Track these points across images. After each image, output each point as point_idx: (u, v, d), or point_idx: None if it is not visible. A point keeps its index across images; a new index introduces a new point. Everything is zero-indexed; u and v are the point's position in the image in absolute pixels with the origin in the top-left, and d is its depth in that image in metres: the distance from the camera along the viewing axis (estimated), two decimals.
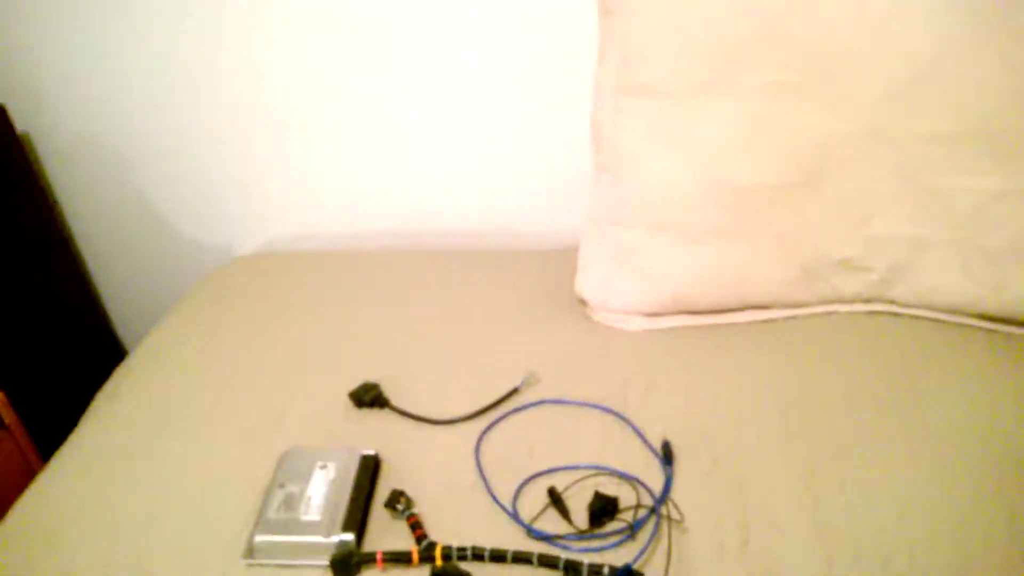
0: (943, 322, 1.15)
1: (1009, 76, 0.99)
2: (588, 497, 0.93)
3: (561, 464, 0.99)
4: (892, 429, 0.99)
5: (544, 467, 0.98)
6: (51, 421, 1.41)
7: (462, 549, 0.86)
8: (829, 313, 1.19)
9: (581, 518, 0.91)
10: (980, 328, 1.13)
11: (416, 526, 0.90)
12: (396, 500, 0.94)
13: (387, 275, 1.39)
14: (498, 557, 0.86)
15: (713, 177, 1.10)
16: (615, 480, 0.96)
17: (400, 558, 0.86)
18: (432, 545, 0.87)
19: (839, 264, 1.15)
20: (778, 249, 1.14)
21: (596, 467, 0.98)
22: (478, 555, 0.86)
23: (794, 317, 1.20)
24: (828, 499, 0.90)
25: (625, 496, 0.94)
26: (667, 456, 0.97)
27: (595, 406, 1.07)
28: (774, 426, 1.01)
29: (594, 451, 1.00)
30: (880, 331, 1.16)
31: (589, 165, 1.24)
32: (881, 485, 0.91)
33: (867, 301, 1.18)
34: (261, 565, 0.89)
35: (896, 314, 1.18)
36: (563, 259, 1.39)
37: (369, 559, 0.86)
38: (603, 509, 0.90)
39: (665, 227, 1.14)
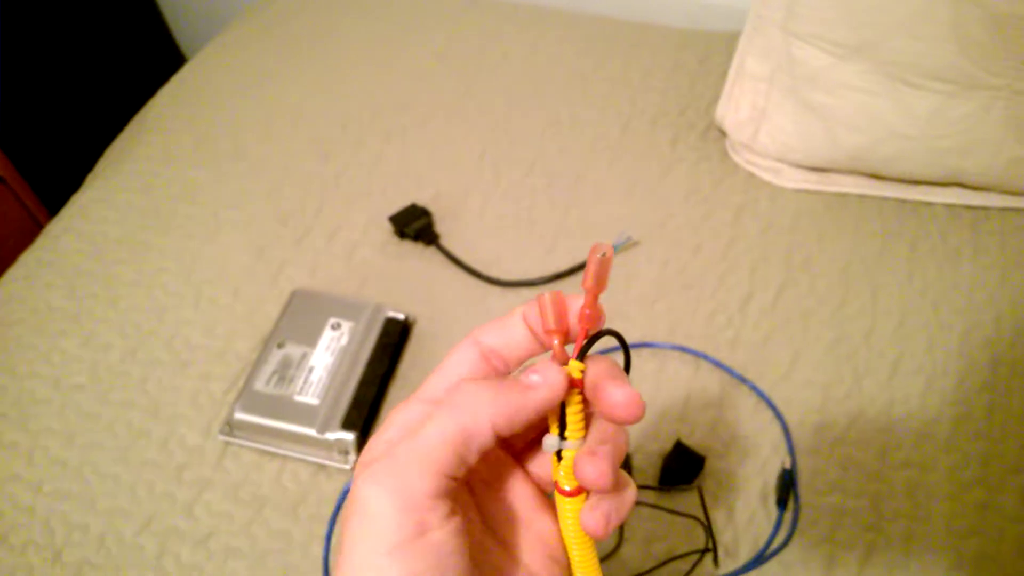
0: None
1: None
2: (671, 435, 0.69)
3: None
4: None
5: None
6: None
7: None
8: None
9: (653, 464, 0.68)
10: None
11: None
12: None
13: (472, 36, 1.06)
14: None
15: None
16: (711, 414, 0.71)
17: None
18: None
19: None
20: (1008, 114, 0.75)
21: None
22: None
23: (1016, 210, 0.84)
24: None
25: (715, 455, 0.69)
26: (783, 492, 0.65)
27: (678, 348, 0.78)
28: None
29: (678, 392, 0.74)
30: None
31: None
32: None
33: None
34: (239, 446, 0.71)
35: None
36: (719, 48, 1.02)
37: None
38: (679, 469, 0.66)
39: (866, 52, 0.76)
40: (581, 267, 0.81)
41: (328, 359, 0.73)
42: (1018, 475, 0.67)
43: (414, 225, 0.84)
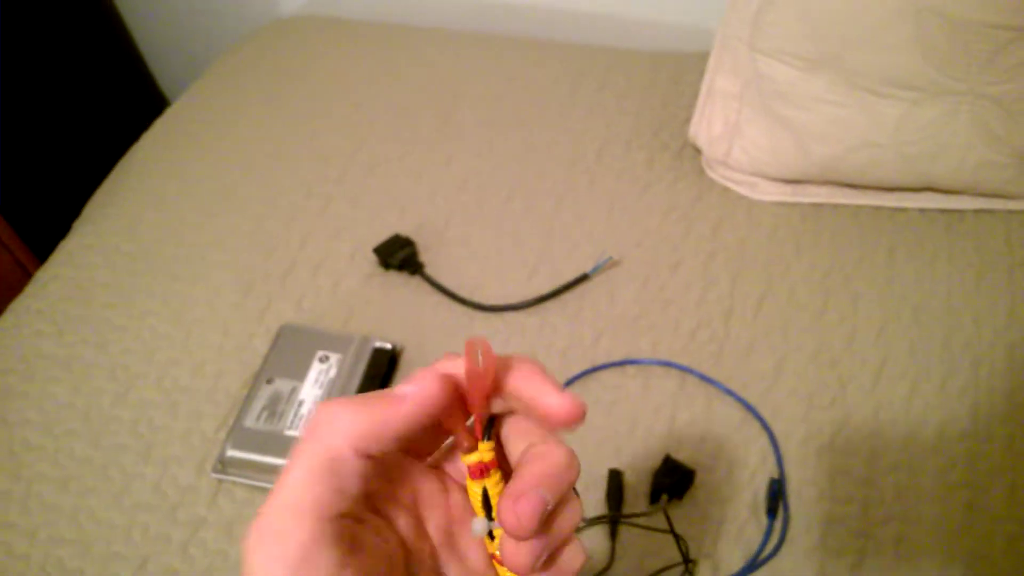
0: None
1: None
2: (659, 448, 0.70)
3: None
4: None
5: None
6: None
7: None
8: None
9: (643, 481, 0.69)
10: None
11: None
12: None
13: (447, 68, 1.08)
14: None
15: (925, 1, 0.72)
16: (701, 422, 0.72)
17: None
18: None
19: None
20: (973, 118, 0.77)
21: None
22: None
23: (989, 211, 0.85)
24: None
25: (707, 462, 0.70)
26: (772, 502, 0.66)
27: (663, 363, 0.79)
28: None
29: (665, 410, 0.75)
30: None
31: None
32: None
33: None
34: (232, 482, 0.71)
35: None
36: (690, 68, 1.04)
37: None
38: (669, 484, 0.67)
39: (831, 64, 0.78)
40: (564, 289, 0.82)
41: (317, 392, 0.73)
42: (1004, 474, 0.67)
43: (398, 255, 0.85)
